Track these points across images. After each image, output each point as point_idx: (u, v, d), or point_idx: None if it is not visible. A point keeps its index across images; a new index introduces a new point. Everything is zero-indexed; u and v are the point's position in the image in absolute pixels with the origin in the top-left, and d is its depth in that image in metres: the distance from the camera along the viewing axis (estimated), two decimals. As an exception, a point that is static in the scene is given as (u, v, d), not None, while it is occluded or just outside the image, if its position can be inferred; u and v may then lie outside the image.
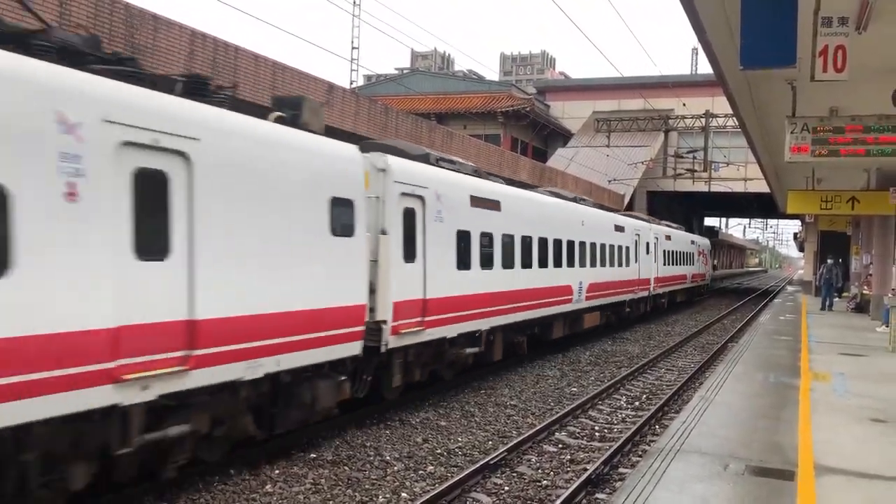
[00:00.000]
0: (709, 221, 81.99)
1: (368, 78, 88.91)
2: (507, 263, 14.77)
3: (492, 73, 76.53)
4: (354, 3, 45.00)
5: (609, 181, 40.94)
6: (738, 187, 45.76)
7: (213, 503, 7.59)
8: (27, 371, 5.64)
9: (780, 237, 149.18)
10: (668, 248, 30.81)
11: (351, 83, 49.63)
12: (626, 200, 42.19)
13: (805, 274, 46.51)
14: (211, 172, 7.27)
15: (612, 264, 22.46)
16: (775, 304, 32.01)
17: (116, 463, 6.71)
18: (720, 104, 34.33)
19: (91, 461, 6.46)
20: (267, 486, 8.10)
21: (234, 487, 8.00)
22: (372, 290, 10.29)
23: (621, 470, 9.05)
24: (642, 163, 43.33)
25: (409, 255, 11.25)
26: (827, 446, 7.65)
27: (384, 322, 10.49)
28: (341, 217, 9.33)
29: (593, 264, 20.56)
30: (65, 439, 6.14)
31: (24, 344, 5.62)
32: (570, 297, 18.65)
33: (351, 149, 9.82)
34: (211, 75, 8.95)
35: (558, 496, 7.89)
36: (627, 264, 24.33)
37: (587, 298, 20.04)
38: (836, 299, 26.95)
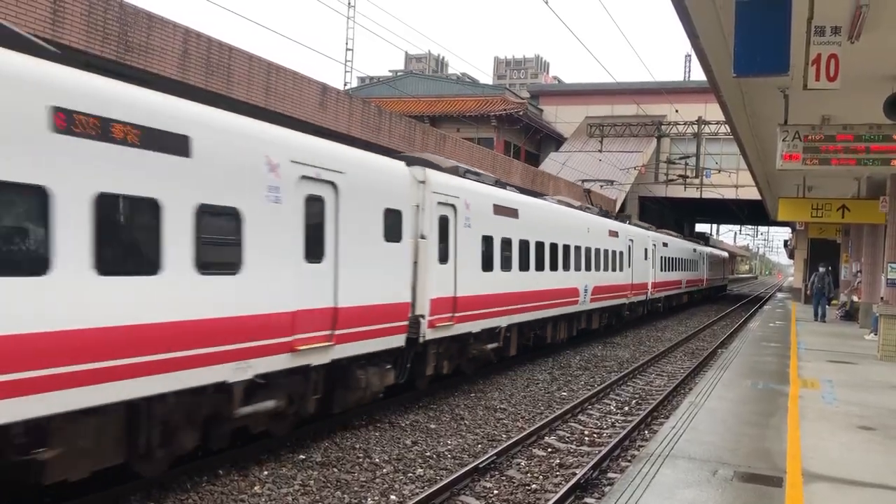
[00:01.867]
0: (700, 227, 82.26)
1: (362, 80, 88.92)
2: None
3: (486, 76, 76.57)
4: (349, 4, 45.01)
5: (601, 186, 41.01)
6: (730, 194, 45.90)
7: (200, 504, 7.56)
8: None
9: (770, 244, 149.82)
10: (712, 260, 49.69)
11: (345, 85, 49.60)
12: (618, 205, 42.28)
13: (795, 281, 46.72)
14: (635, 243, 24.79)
15: (690, 269, 38.52)
16: (765, 311, 32.14)
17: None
18: (713, 111, 34.53)
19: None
20: (255, 487, 8.07)
21: (221, 488, 7.96)
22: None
23: (610, 475, 9.06)
24: (634, 168, 43.47)
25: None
26: (815, 453, 7.68)
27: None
28: (617, 246, 23.20)
29: (684, 269, 36.34)
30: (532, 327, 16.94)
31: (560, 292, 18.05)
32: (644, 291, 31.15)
33: (620, 222, 22.55)
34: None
35: (547, 500, 7.90)
36: (696, 269, 41.43)
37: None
38: (826, 307, 26.85)
